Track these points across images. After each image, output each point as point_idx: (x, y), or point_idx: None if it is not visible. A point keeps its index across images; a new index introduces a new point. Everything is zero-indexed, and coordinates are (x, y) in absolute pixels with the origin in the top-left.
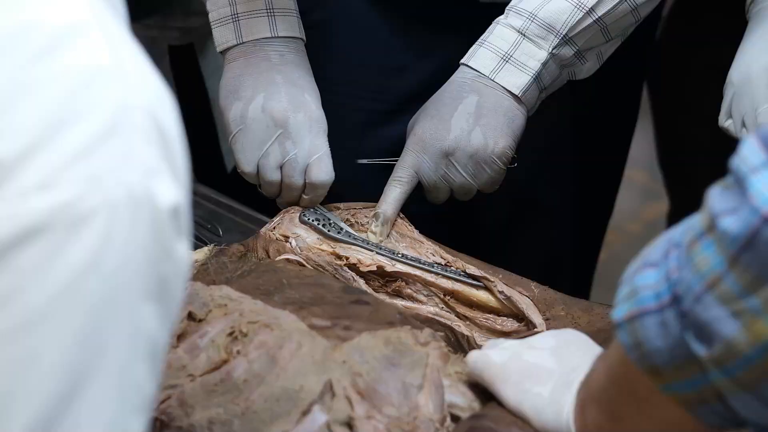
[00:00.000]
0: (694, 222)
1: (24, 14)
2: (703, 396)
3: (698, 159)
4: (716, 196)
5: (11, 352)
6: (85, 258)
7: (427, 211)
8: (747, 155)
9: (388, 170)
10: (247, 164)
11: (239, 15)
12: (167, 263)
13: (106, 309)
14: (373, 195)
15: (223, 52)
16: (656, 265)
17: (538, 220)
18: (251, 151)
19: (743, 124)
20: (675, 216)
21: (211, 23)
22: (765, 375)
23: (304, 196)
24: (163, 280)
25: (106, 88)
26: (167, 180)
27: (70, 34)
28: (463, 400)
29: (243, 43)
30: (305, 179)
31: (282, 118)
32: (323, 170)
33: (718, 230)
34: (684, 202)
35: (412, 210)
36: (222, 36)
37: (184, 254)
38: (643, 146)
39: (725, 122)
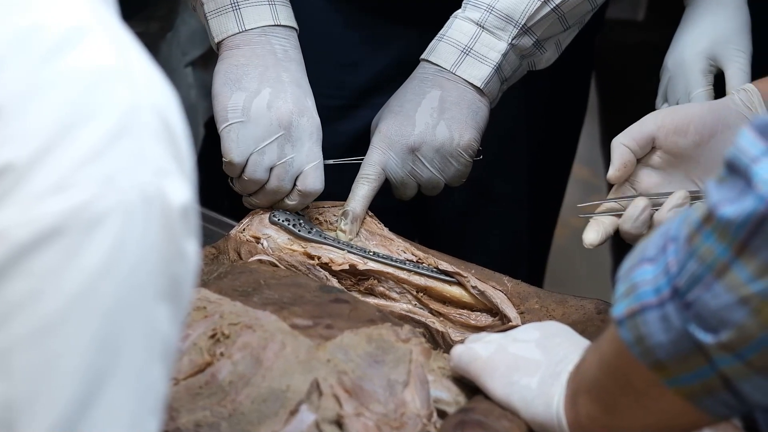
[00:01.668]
0: (689, 215)
1: (27, 18)
2: (709, 386)
3: None
4: (713, 189)
5: (31, 356)
6: (100, 260)
7: (385, 204)
8: (745, 146)
9: (349, 167)
10: (238, 156)
11: (239, 4)
12: (179, 263)
13: (122, 311)
14: (335, 192)
15: (220, 43)
16: (653, 260)
17: (496, 213)
18: (246, 145)
19: None
20: None
21: (207, 14)
22: None
23: (288, 202)
24: (175, 280)
25: (114, 89)
26: (177, 179)
27: (75, 35)
28: (448, 394)
29: (246, 31)
30: (295, 186)
31: (287, 120)
32: (318, 179)
33: (718, 220)
34: None
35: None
36: (221, 26)
37: (194, 253)
38: (584, 142)
39: (661, 105)
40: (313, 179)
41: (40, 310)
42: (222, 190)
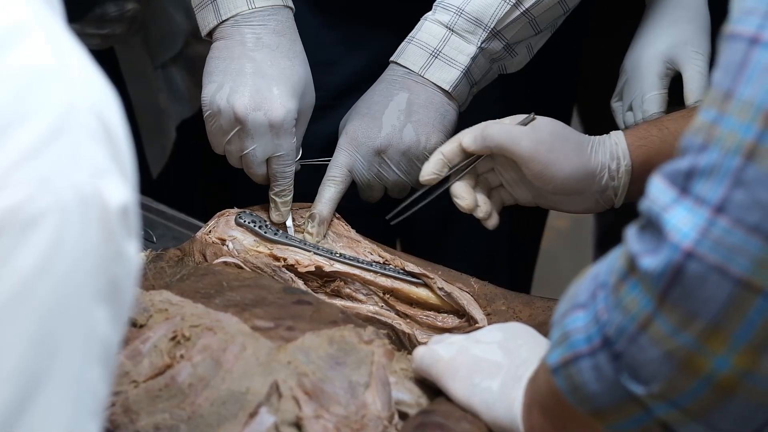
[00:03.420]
0: (616, 261)
1: None
2: (648, 431)
3: None
4: (633, 238)
5: None
6: (35, 261)
7: (360, 206)
8: (656, 195)
9: (320, 168)
10: (215, 147)
11: None
12: (118, 264)
13: (59, 313)
14: (305, 193)
15: (209, 35)
16: (585, 306)
17: (475, 217)
18: (217, 137)
19: (630, 108)
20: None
21: (194, 8)
22: (714, 404)
23: (271, 194)
24: (115, 282)
25: (51, 88)
26: (115, 180)
27: (12, 35)
28: (410, 396)
29: (222, 22)
30: (268, 171)
31: (242, 115)
32: (285, 167)
33: (640, 271)
34: None
35: (345, 205)
36: (204, 19)
37: (134, 255)
38: None
39: (616, 104)
40: (278, 166)
41: None
42: (194, 193)
